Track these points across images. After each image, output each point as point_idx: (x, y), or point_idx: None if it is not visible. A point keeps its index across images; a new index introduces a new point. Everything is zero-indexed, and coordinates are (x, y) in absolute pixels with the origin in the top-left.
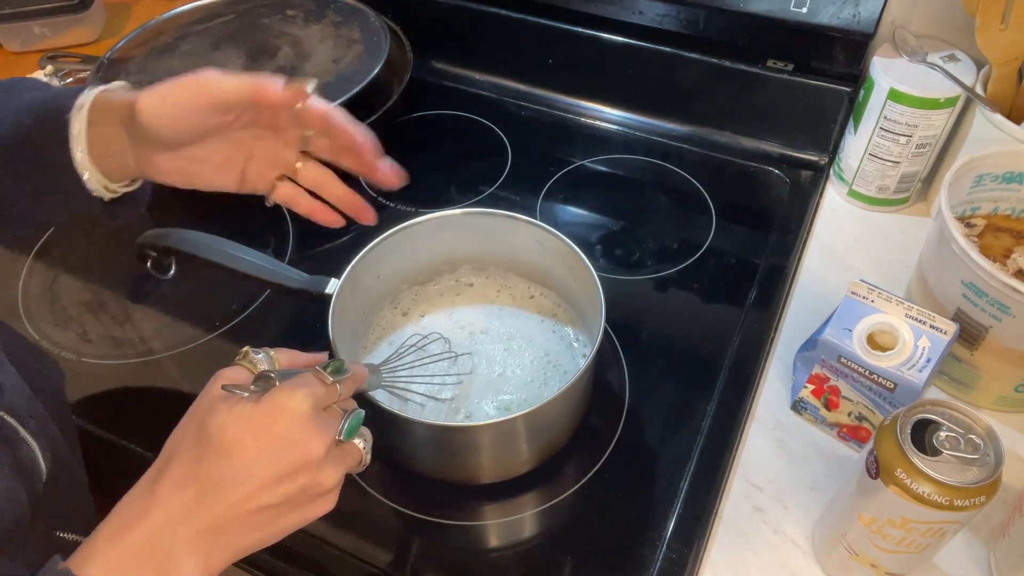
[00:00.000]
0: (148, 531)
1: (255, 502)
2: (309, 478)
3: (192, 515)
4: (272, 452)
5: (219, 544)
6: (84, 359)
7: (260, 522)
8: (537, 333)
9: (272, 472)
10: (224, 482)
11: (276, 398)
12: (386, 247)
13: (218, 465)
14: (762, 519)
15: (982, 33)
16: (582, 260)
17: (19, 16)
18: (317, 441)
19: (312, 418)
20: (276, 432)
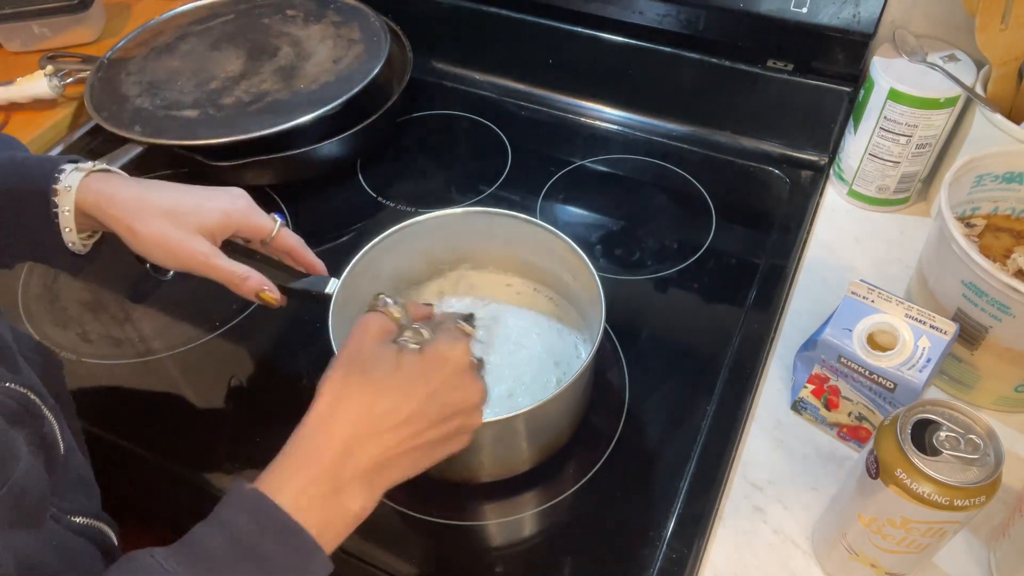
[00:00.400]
0: (329, 465)
1: (422, 438)
2: (464, 419)
3: (367, 450)
4: (442, 396)
5: (383, 475)
6: (84, 359)
7: (419, 456)
8: (537, 332)
9: (439, 413)
10: (399, 421)
11: (441, 348)
12: (385, 246)
13: (395, 405)
14: (762, 519)
15: (982, 33)
16: (582, 259)
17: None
18: (475, 387)
19: (471, 367)
20: (443, 378)
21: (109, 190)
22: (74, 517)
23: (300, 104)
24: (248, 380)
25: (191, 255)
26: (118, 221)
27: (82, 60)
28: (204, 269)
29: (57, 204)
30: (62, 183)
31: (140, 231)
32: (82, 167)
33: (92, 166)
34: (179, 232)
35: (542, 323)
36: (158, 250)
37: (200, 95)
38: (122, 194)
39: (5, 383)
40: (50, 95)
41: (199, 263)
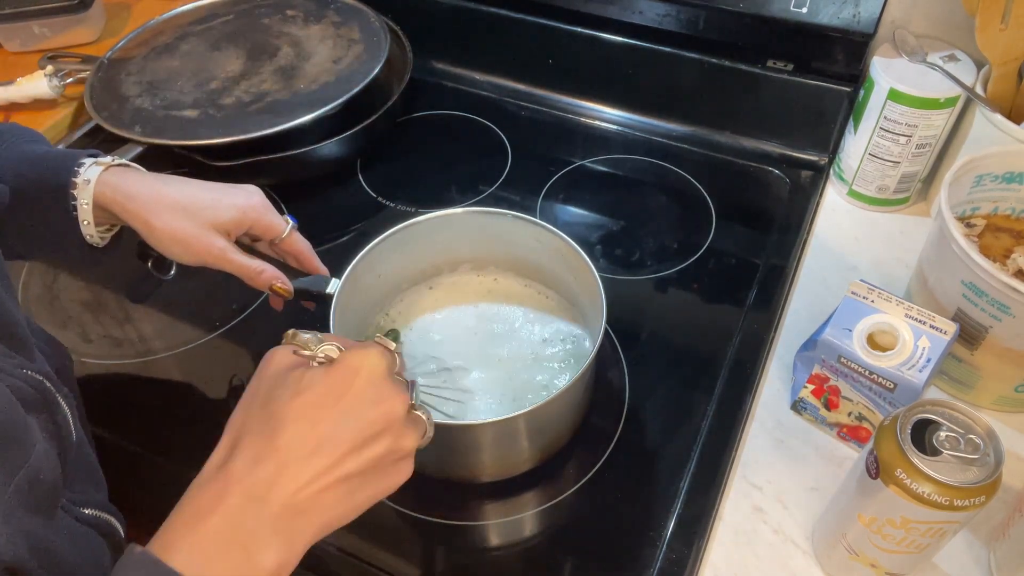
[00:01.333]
0: (229, 512)
1: (340, 470)
2: (391, 440)
3: (274, 490)
4: (356, 413)
5: (302, 522)
6: (84, 359)
7: (343, 495)
8: (538, 332)
9: (357, 434)
10: (308, 451)
11: (350, 358)
12: (386, 246)
13: (299, 434)
14: (762, 519)
15: (982, 33)
16: (583, 258)
17: (19, 16)
18: (398, 400)
19: (389, 378)
20: (356, 392)
21: (126, 185)
22: (83, 508)
23: (300, 104)
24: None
25: (207, 250)
26: (135, 216)
27: (82, 60)
28: (220, 263)
29: (76, 197)
30: (81, 177)
31: (157, 226)
32: (101, 161)
33: (111, 160)
34: (195, 228)
35: (543, 323)
36: (175, 245)
37: (200, 95)
38: (139, 189)
39: (23, 370)
40: (50, 95)
41: (215, 258)
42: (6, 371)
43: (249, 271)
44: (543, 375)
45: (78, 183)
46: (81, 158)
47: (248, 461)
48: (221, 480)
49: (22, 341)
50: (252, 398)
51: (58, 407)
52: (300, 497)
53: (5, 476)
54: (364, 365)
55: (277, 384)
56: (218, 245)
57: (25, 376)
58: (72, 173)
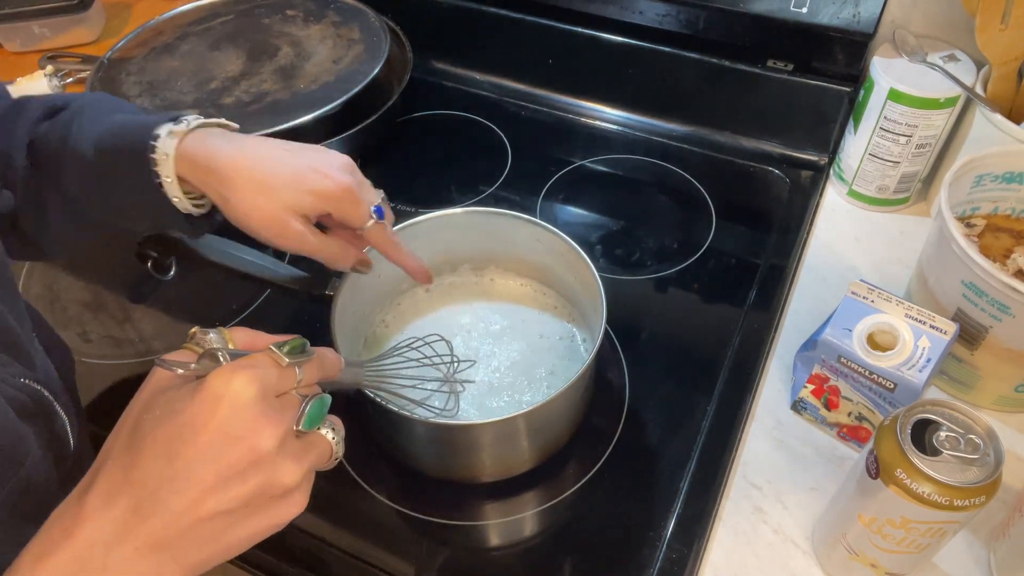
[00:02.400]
0: (76, 552)
1: (201, 510)
2: (263, 477)
3: (128, 530)
4: (213, 449)
5: (164, 562)
6: (84, 359)
7: (212, 533)
8: (538, 332)
9: (215, 473)
10: (162, 489)
11: (212, 385)
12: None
13: (154, 469)
14: (762, 519)
15: (982, 33)
16: (583, 258)
17: (19, 16)
18: (266, 433)
19: (257, 406)
20: (216, 425)
21: (203, 156)
22: None
23: (300, 104)
24: None
25: (283, 233)
26: (212, 189)
27: (82, 60)
28: (297, 246)
29: (159, 175)
30: (159, 151)
31: (232, 201)
32: (175, 131)
33: (187, 127)
34: (271, 207)
35: (543, 322)
36: (250, 224)
37: (200, 95)
38: (217, 162)
39: (21, 379)
40: None
41: (291, 242)
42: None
43: (329, 255)
44: (543, 375)
45: (158, 159)
46: (158, 128)
47: (102, 495)
48: (74, 514)
49: (21, 350)
50: (126, 416)
51: (56, 416)
52: (159, 536)
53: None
54: (226, 393)
55: (149, 407)
56: (296, 230)
57: (22, 385)
58: (149, 148)
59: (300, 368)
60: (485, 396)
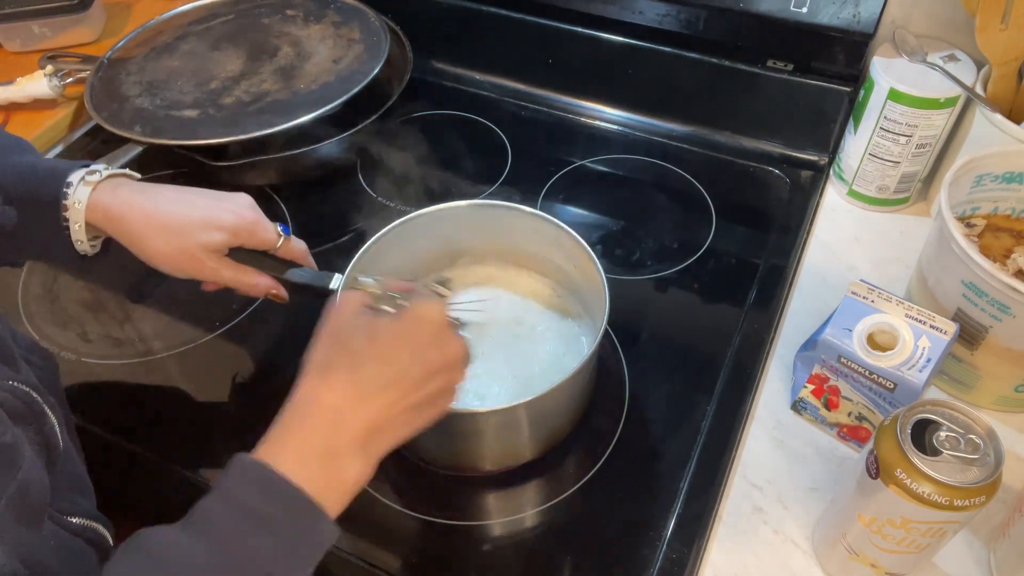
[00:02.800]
0: (323, 432)
1: (409, 399)
2: (448, 376)
3: (357, 415)
4: (423, 355)
5: (377, 440)
6: (84, 359)
7: (408, 419)
8: (539, 323)
9: (422, 372)
10: (384, 384)
11: (417, 311)
12: (388, 241)
13: (377, 370)
14: (762, 519)
15: (982, 33)
16: (586, 250)
17: (19, 16)
18: (455, 344)
19: (447, 325)
20: (423, 338)
21: (117, 207)
22: (71, 517)
23: (300, 104)
24: (248, 380)
25: (199, 270)
26: (127, 237)
27: (82, 60)
28: (214, 279)
29: (67, 219)
30: (71, 198)
31: (148, 248)
32: (89, 180)
33: (99, 177)
34: (186, 247)
35: (546, 315)
36: (168, 265)
37: (200, 95)
38: (130, 212)
39: (8, 381)
40: (50, 95)
41: (208, 276)
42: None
43: (243, 285)
44: (545, 365)
45: (68, 204)
46: (70, 175)
47: (335, 393)
48: (315, 406)
49: (7, 352)
50: (330, 336)
51: (45, 418)
52: (377, 421)
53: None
54: (427, 316)
55: (354, 326)
56: (210, 265)
57: (11, 388)
58: (61, 194)
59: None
60: (487, 385)
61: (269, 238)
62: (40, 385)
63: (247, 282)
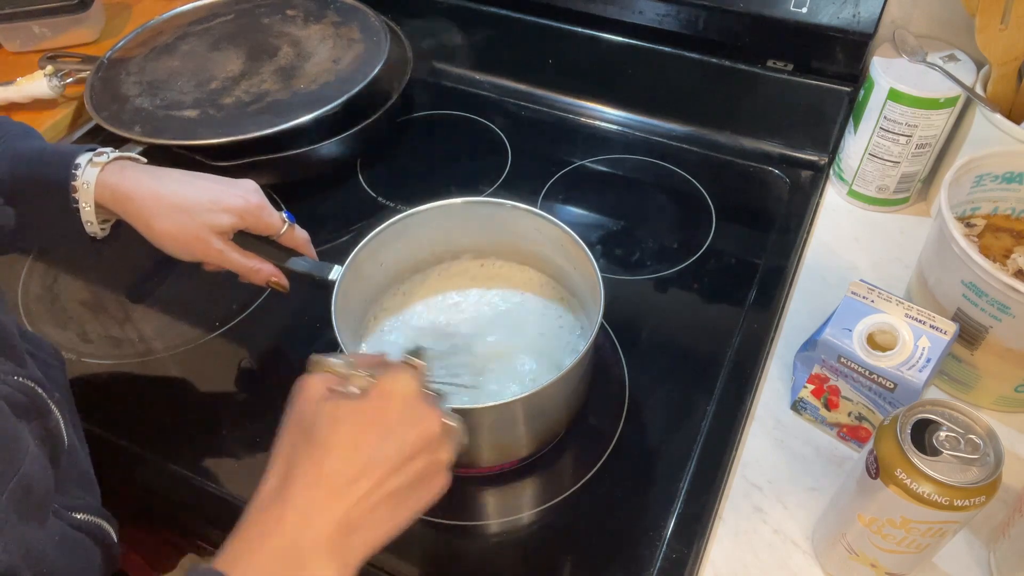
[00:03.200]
0: (287, 535)
1: (385, 488)
2: (431, 454)
3: (326, 513)
4: (394, 436)
5: (354, 540)
6: (84, 359)
7: (389, 511)
8: (537, 320)
9: (397, 455)
10: (354, 474)
11: (384, 386)
12: (388, 235)
13: (344, 459)
14: (762, 519)
15: (982, 33)
16: (581, 247)
17: (19, 16)
18: (432, 418)
19: (421, 398)
20: (393, 416)
21: (125, 187)
22: (75, 513)
23: (300, 104)
24: (248, 380)
25: (205, 251)
26: (135, 217)
27: (82, 60)
28: (218, 263)
29: (77, 200)
30: (80, 179)
31: (156, 227)
32: (97, 161)
33: (107, 159)
34: (193, 229)
35: (542, 310)
36: (174, 245)
37: (200, 95)
38: (138, 191)
39: (13, 377)
40: (50, 95)
41: (213, 258)
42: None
43: (246, 269)
44: (541, 361)
45: (77, 186)
46: (77, 157)
47: (301, 487)
48: (278, 506)
49: (13, 348)
50: (295, 427)
51: (50, 413)
52: (350, 517)
53: None
54: (397, 390)
55: (316, 414)
56: (216, 247)
57: (16, 383)
58: (70, 176)
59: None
60: (483, 381)
61: (274, 223)
62: (46, 381)
63: (251, 267)
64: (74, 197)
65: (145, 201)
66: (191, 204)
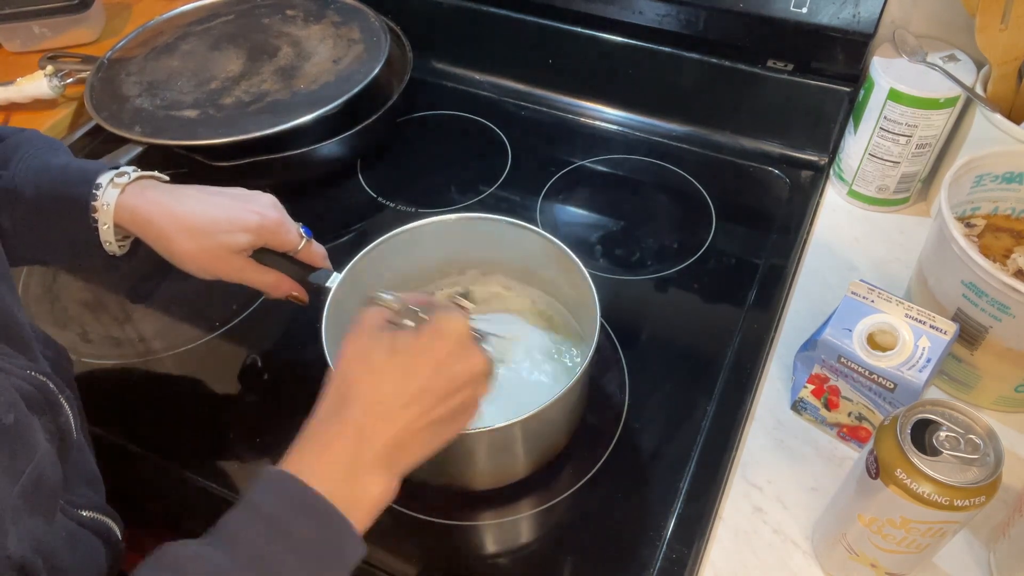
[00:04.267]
0: (347, 448)
1: (431, 415)
2: (471, 389)
3: (381, 431)
4: (445, 370)
5: (400, 456)
6: (84, 359)
7: (431, 434)
8: (535, 339)
9: (446, 387)
10: (407, 399)
11: (438, 324)
12: (389, 247)
13: (399, 385)
14: (762, 519)
15: (982, 33)
16: (577, 265)
17: (19, 16)
18: (478, 357)
19: (470, 338)
20: (445, 351)
21: (144, 210)
22: (82, 510)
23: (300, 104)
24: (248, 379)
25: (225, 271)
26: (155, 239)
27: (82, 60)
28: (238, 280)
29: (96, 220)
30: (100, 200)
31: (176, 249)
32: (118, 182)
33: (128, 179)
34: (213, 249)
35: (540, 329)
36: (193, 265)
37: (200, 95)
38: (157, 214)
39: (27, 371)
40: (50, 95)
41: (233, 276)
42: (11, 372)
43: (266, 286)
44: (537, 381)
45: (97, 206)
46: (99, 176)
47: (359, 409)
48: (338, 422)
49: (25, 343)
50: (353, 351)
51: (60, 408)
52: (400, 437)
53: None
54: (449, 329)
55: (376, 341)
56: (235, 265)
57: (29, 377)
58: (91, 196)
59: None
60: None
61: (291, 240)
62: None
63: (269, 283)
64: (93, 217)
65: (163, 223)
66: (208, 225)
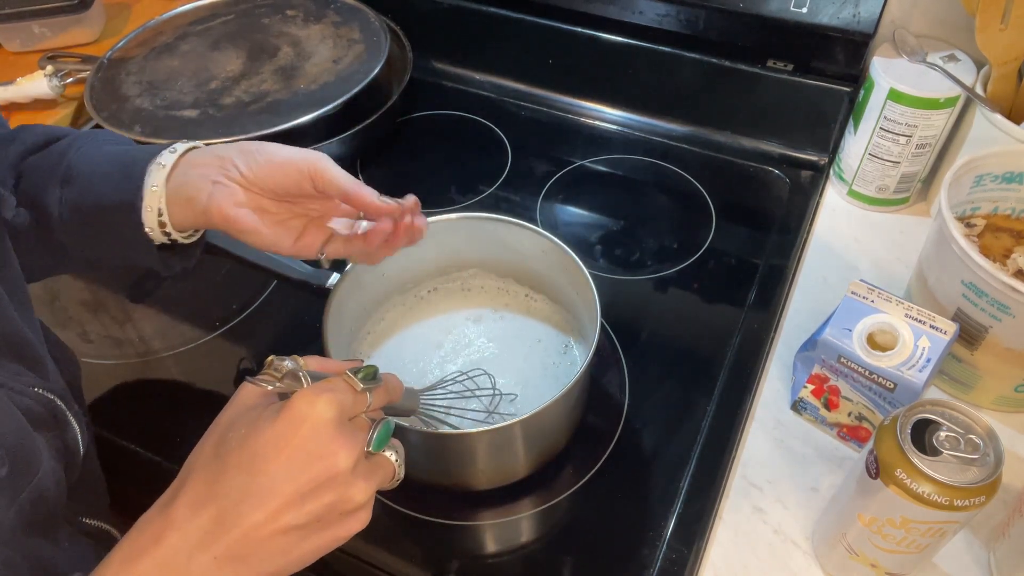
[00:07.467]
0: (161, 558)
1: (278, 523)
2: (336, 494)
3: (209, 539)
4: (294, 466)
5: (239, 572)
6: (84, 359)
7: (284, 546)
8: (535, 338)
9: (294, 488)
10: (243, 501)
11: (296, 406)
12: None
13: (237, 482)
14: (762, 519)
15: (982, 33)
16: (578, 264)
17: (19, 16)
18: (343, 453)
19: (337, 427)
20: (297, 443)
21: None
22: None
23: (300, 104)
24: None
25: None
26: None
27: (82, 60)
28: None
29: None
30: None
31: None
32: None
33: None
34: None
35: (541, 329)
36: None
37: (200, 95)
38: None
39: (35, 388)
40: (50, 95)
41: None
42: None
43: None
44: (539, 382)
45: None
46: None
47: (188, 505)
48: (161, 521)
49: (35, 359)
50: (212, 431)
51: (68, 426)
52: (236, 547)
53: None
54: (310, 415)
55: (234, 423)
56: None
57: (36, 395)
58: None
59: (371, 393)
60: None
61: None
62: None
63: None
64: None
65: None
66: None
